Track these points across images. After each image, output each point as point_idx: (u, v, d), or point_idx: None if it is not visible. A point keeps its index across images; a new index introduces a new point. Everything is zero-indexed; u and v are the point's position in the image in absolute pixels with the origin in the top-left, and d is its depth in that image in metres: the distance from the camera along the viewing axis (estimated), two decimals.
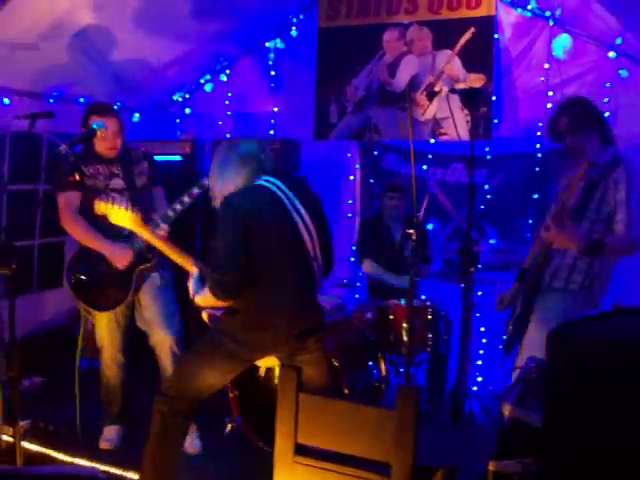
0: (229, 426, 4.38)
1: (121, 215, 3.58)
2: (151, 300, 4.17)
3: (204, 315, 3.44)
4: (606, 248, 3.40)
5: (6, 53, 4.49)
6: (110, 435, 4.24)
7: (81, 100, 5.48)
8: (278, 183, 3.18)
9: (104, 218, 3.70)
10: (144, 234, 3.67)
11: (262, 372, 4.08)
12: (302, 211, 3.18)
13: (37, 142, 5.35)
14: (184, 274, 3.52)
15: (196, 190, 3.83)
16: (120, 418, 4.30)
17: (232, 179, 3.18)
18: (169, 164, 5.76)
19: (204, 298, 3.20)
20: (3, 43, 4.41)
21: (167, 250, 3.63)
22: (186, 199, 3.88)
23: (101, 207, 3.63)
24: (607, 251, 3.43)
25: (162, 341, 4.14)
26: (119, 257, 4.01)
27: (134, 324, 4.24)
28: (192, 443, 4.14)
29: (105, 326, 4.19)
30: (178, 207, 3.89)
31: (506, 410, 2.72)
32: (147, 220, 3.82)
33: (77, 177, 3.81)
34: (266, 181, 3.18)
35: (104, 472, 3.69)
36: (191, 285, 3.34)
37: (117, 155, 4.13)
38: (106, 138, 4.00)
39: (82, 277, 4.10)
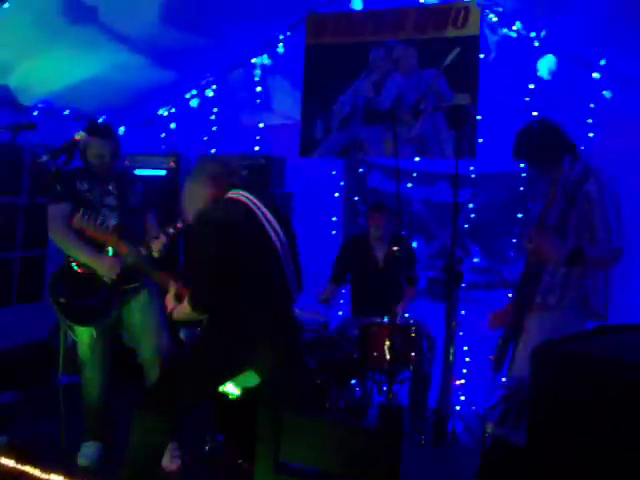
0: (210, 443, 4.34)
1: (97, 233, 3.62)
2: (139, 317, 4.13)
3: (181, 335, 3.44)
4: (587, 257, 3.40)
5: None
6: (88, 452, 4.18)
7: (66, 112, 5.45)
8: (250, 195, 3.24)
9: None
10: (120, 249, 3.68)
11: (238, 392, 4.03)
12: (274, 223, 3.23)
13: (19, 154, 5.32)
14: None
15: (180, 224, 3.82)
16: (99, 433, 4.24)
17: (201, 195, 3.27)
18: (153, 178, 5.74)
19: (181, 312, 3.22)
20: None
21: (145, 267, 3.63)
22: (171, 230, 3.87)
23: (77, 221, 3.66)
24: (589, 260, 3.43)
25: (150, 359, 4.11)
26: (108, 268, 3.96)
27: (118, 340, 4.19)
28: (171, 460, 4.09)
29: (87, 342, 4.14)
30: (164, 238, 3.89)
31: (489, 429, 2.71)
32: (136, 241, 3.84)
33: (59, 188, 3.77)
34: (237, 193, 3.24)
35: None
36: (168, 301, 3.33)
37: (112, 174, 4.12)
38: (101, 156, 3.99)
39: (63, 299, 4.05)
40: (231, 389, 3.77)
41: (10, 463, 3.96)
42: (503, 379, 4.09)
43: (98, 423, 4.24)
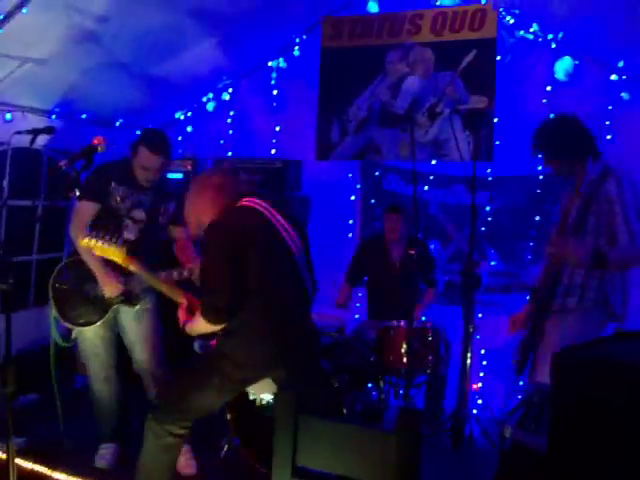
0: (226, 447, 4.34)
1: (104, 250, 3.47)
2: (133, 322, 4.13)
3: (196, 347, 3.42)
4: (610, 260, 3.36)
5: (12, 69, 4.49)
6: (105, 453, 4.19)
7: (83, 117, 5.48)
8: (262, 202, 3.22)
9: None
10: (131, 267, 3.55)
11: (258, 401, 4.03)
12: (289, 229, 3.21)
13: (37, 158, 5.35)
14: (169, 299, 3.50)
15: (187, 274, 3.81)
16: (114, 435, 4.25)
17: (209, 208, 3.21)
18: (170, 182, 5.74)
19: (195, 326, 3.19)
20: (9, 58, 4.41)
21: (156, 282, 3.59)
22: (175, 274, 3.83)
23: (84, 242, 3.50)
24: (611, 263, 3.38)
25: (142, 364, 4.12)
26: (109, 286, 3.95)
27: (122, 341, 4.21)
28: (187, 464, 4.09)
29: (88, 341, 4.14)
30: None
31: (507, 433, 2.69)
32: (154, 257, 3.85)
33: (83, 193, 3.75)
34: (248, 201, 3.20)
35: None
36: (181, 315, 3.32)
37: (151, 186, 4.07)
38: (147, 170, 3.96)
39: (63, 286, 4.07)
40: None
41: (29, 465, 3.98)
42: (521, 383, 4.07)
43: (112, 423, 4.25)
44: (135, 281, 3.92)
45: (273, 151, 6.21)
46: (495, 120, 5.41)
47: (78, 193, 3.53)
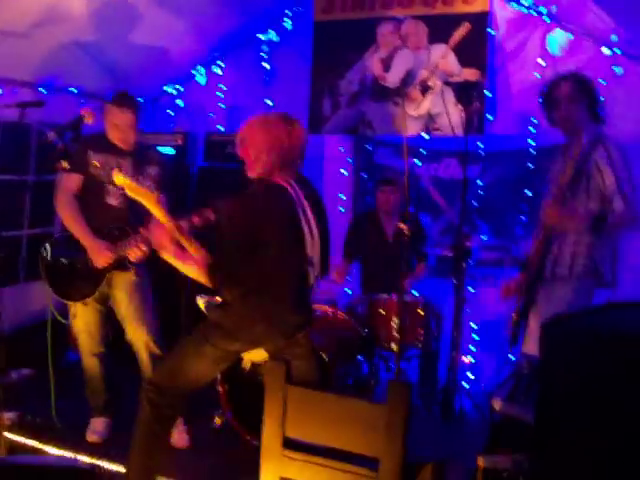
0: (217, 420, 4.36)
1: (137, 190, 3.13)
2: (125, 295, 4.12)
3: (200, 303, 3.40)
4: (608, 223, 3.45)
5: None
6: (97, 427, 4.21)
7: (72, 90, 5.43)
8: (293, 184, 3.16)
9: (100, 212, 3.76)
10: (157, 213, 3.19)
11: (246, 365, 4.03)
12: (309, 214, 3.18)
13: (26, 132, 5.30)
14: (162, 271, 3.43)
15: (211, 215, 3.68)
16: (106, 409, 4.26)
17: (265, 153, 3.11)
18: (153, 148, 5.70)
19: (182, 262, 3.06)
20: None
21: (177, 234, 3.41)
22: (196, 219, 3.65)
23: (119, 178, 3.16)
24: (609, 226, 3.48)
25: (137, 337, 4.11)
26: (99, 255, 3.95)
27: (113, 315, 4.20)
28: (180, 437, 4.11)
29: (80, 315, 4.14)
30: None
31: (496, 405, 2.71)
32: (141, 220, 3.76)
33: (64, 165, 3.71)
34: (283, 179, 3.14)
35: (90, 464, 3.66)
36: (160, 235, 3.11)
37: (131, 150, 4.09)
38: (119, 129, 3.99)
39: (54, 262, 4.06)
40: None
41: (20, 439, 3.99)
42: (511, 356, 4.10)
43: (103, 397, 4.26)
44: (125, 246, 3.92)
45: None
46: (487, 94, 5.38)
47: (66, 165, 3.51)
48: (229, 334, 3.12)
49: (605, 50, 5.05)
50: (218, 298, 3.32)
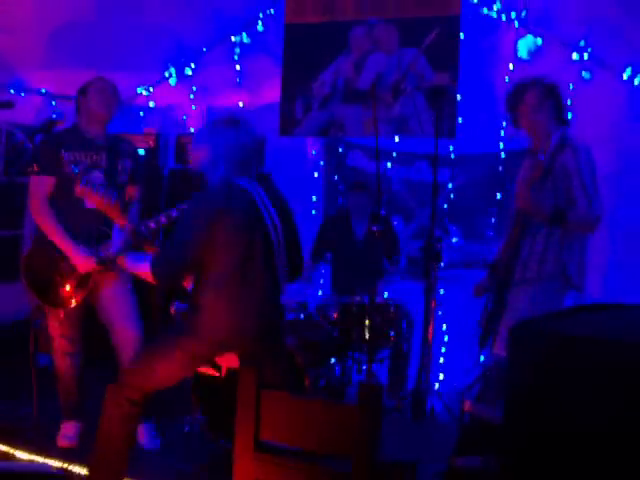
0: (190, 422, 4.35)
1: (99, 201, 3.21)
2: (111, 295, 4.06)
3: (172, 309, 3.39)
4: (568, 218, 3.51)
5: None
6: (68, 432, 4.16)
7: (42, 91, 5.38)
8: (255, 184, 3.16)
9: (77, 214, 3.69)
10: (120, 222, 3.27)
11: (221, 371, 4.03)
12: (272, 212, 3.18)
13: None
14: None
15: (175, 213, 3.69)
16: (77, 413, 4.21)
17: (220, 163, 3.13)
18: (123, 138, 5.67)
19: (137, 266, 3.14)
20: None
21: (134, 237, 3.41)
22: (163, 219, 3.69)
23: (79, 190, 3.21)
24: (570, 222, 3.53)
25: (125, 336, 4.03)
26: (82, 262, 3.88)
27: (88, 314, 4.12)
28: (151, 439, 4.09)
29: (55, 316, 4.07)
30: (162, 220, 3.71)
31: (466, 406, 2.74)
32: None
33: (35, 168, 3.67)
34: (244, 180, 3.14)
35: (61, 469, 3.63)
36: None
37: (105, 142, 3.97)
38: (97, 115, 3.89)
39: (38, 273, 3.99)
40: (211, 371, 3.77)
41: None
42: (481, 357, 4.14)
43: (75, 400, 4.20)
44: (107, 248, 3.83)
45: None
46: (458, 98, 5.43)
47: (37, 168, 3.46)
48: (200, 338, 3.10)
49: (574, 55, 5.12)
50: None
